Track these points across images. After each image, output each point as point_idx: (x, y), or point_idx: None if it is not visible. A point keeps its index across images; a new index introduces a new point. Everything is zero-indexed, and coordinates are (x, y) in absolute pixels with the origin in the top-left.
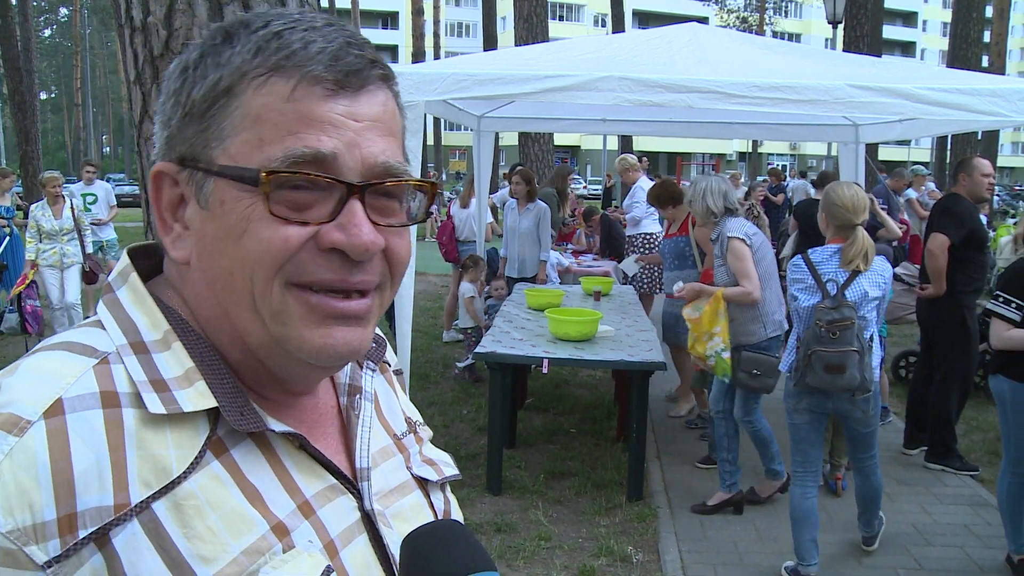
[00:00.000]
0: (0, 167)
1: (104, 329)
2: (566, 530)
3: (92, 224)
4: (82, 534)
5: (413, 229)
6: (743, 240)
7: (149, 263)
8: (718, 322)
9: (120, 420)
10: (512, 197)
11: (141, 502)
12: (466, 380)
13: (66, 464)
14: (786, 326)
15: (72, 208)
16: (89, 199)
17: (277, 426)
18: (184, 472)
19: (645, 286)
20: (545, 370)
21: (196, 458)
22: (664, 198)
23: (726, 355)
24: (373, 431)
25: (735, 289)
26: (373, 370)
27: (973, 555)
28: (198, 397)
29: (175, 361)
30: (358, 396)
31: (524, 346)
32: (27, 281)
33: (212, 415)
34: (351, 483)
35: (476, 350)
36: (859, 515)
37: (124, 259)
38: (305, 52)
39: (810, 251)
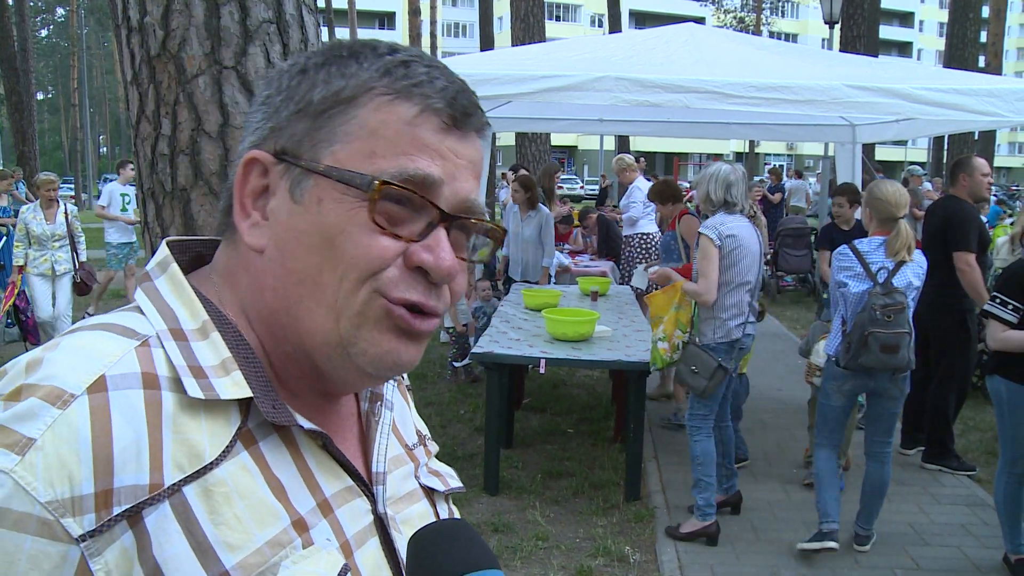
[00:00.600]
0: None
1: (143, 315)
2: (563, 530)
3: (129, 224)
4: (116, 511)
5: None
6: (712, 240)
7: (183, 258)
8: (667, 311)
9: (159, 402)
10: (513, 203)
11: (173, 484)
12: (462, 380)
13: (107, 440)
14: (736, 336)
15: (66, 213)
16: (126, 199)
17: (305, 423)
18: (216, 459)
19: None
20: (542, 370)
21: (228, 446)
22: (666, 195)
23: (662, 345)
24: (390, 438)
25: (692, 285)
26: (395, 382)
27: (970, 555)
28: (234, 386)
29: (212, 351)
30: (379, 403)
31: (521, 346)
32: (16, 290)
33: (244, 408)
34: (366, 486)
35: (473, 350)
36: (860, 511)
37: (163, 249)
38: (431, 85)
39: (856, 242)
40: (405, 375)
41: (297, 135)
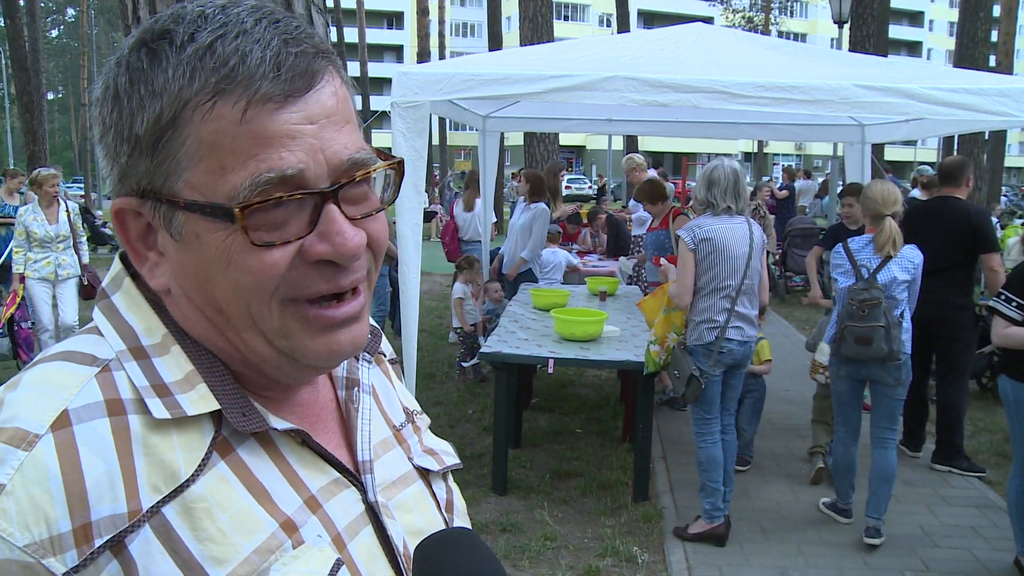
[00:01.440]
0: (9, 167)
1: (102, 336)
2: (571, 530)
3: None
4: (98, 543)
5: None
6: (686, 243)
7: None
8: (656, 314)
9: (127, 427)
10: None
11: (152, 507)
12: (470, 380)
13: (77, 476)
14: (708, 340)
15: (68, 212)
16: None
17: (279, 424)
18: (192, 475)
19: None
20: (551, 370)
21: (203, 460)
22: (655, 195)
23: (653, 348)
24: (373, 423)
25: (671, 287)
26: (369, 362)
27: (981, 557)
28: (200, 400)
29: (175, 365)
30: (356, 389)
31: (530, 346)
32: (17, 300)
33: (216, 417)
34: (354, 476)
35: (482, 350)
36: (868, 499)
37: (116, 264)
38: (245, 67)
39: (849, 240)
40: (387, 352)
41: (144, 175)
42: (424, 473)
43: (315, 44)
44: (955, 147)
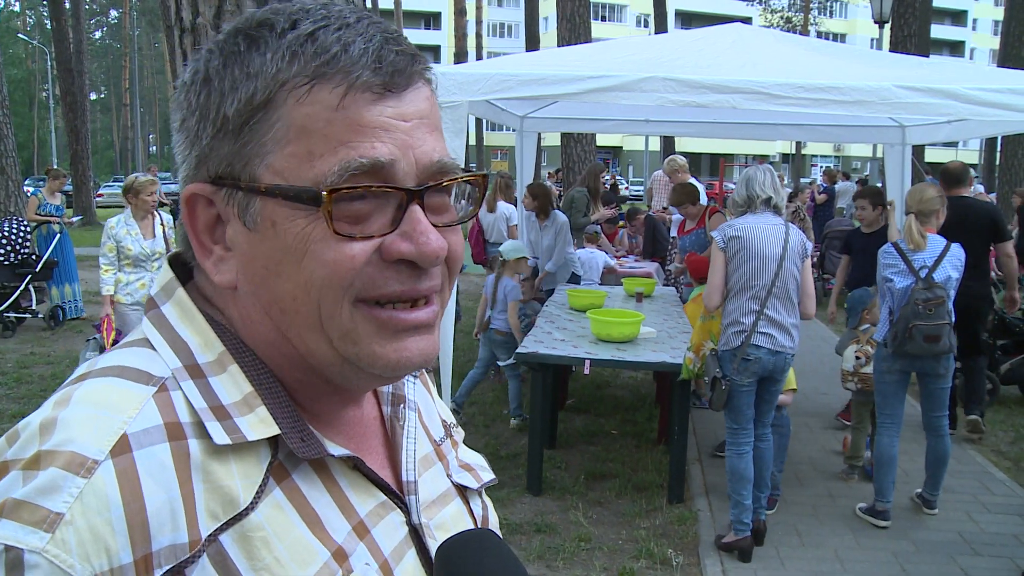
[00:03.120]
0: (54, 168)
1: (154, 349)
2: (606, 532)
3: None
4: (158, 573)
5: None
6: (716, 242)
7: (186, 271)
8: (695, 321)
9: (187, 453)
10: (529, 210)
11: (210, 535)
12: (505, 380)
13: (139, 505)
14: (735, 344)
15: (163, 224)
16: None
17: (336, 450)
18: (252, 503)
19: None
20: (587, 371)
21: (260, 486)
22: (694, 196)
23: (688, 355)
24: (418, 441)
25: (704, 290)
26: (415, 377)
27: (1023, 566)
28: (260, 425)
29: (232, 385)
30: (402, 406)
31: (566, 347)
32: (112, 331)
33: (272, 440)
34: (398, 497)
35: (518, 350)
36: (926, 480)
37: (167, 272)
38: (347, 55)
39: (899, 241)
40: None
41: (226, 157)
42: (462, 490)
43: (415, 51)
44: (998, 148)
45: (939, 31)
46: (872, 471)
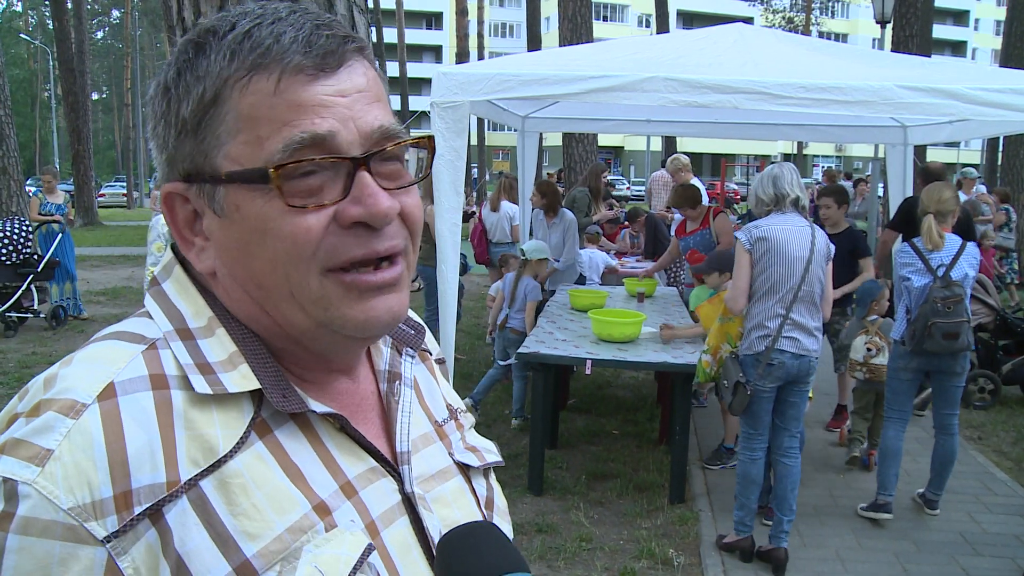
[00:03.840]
0: (50, 167)
1: (151, 319)
2: (607, 532)
3: None
4: (137, 510)
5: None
6: (742, 244)
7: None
8: (712, 322)
9: (169, 401)
10: (537, 207)
11: (190, 479)
12: (507, 381)
13: (120, 444)
14: (759, 349)
15: None
16: None
17: (318, 407)
18: (230, 451)
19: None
20: (588, 371)
21: (241, 438)
22: (695, 198)
23: (705, 358)
24: (413, 417)
25: (728, 293)
26: (412, 357)
27: None
28: (242, 379)
29: (219, 346)
30: (398, 382)
31: (567, 347)
32: None
33: (256, 398)
34: (391, 467)
35: (519, 350)
36: (931, 479)
37: (169, 253)
38: (279, 45)
39: (915, 239)
40: (434, 350)
41: (189, 155)
42: (464, 469)
43: (348, 33)
44: (1000, 149)
45: (941, 31)
46: (868, 462)
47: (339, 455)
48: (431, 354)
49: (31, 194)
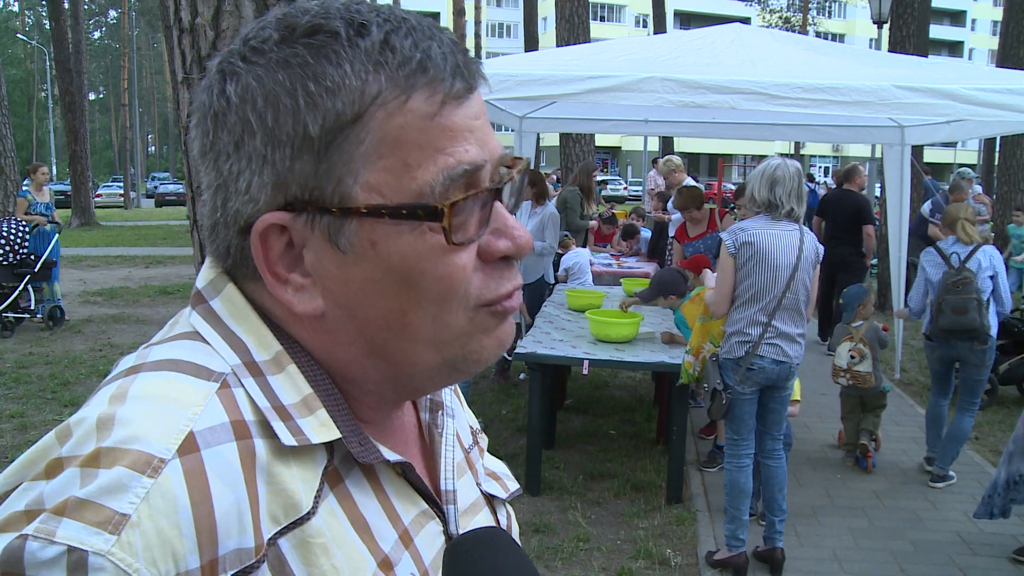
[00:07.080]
0: (33, 162)
1: (208, 344)
2: (604, 532)
3: None
4: None
5: None
6: (727, 247)
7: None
8: (692, 321)
9: (253, 452)
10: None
11: (269, 539)
12: (504, 381)
13: (208, 507)
14: (738, 354)
15: None
16: None
17: (390, 456)
18: (312, 507)
19: None
20: (585, 371)
21: (318, 491)
22: (700, 199)
23: (687, 358)
24: (455, 449)
25: (708, 294)
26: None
27: (1022, 568)
28: (321, 428)
29: (291, 385)
30: (440, 412)
31: (564, 347)
32: None
33: (327, 444)
34: (436, 505)
35: (516, 350)
36: (941, 455)
37: (213, 266)
38: (431, 60)
39: (939, 243)
40: None
41: (306, 178)
42: (490, 500)
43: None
44: (996, 149)
45: (938, 31)
46: (865, 464)
47: (397, 501)
48: None
49: (20, 194)
